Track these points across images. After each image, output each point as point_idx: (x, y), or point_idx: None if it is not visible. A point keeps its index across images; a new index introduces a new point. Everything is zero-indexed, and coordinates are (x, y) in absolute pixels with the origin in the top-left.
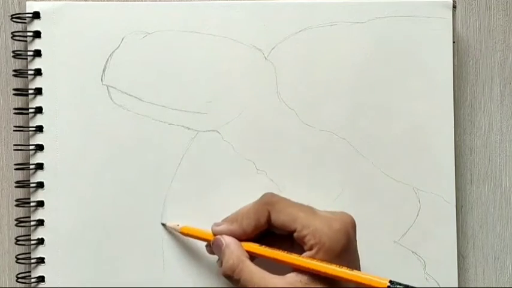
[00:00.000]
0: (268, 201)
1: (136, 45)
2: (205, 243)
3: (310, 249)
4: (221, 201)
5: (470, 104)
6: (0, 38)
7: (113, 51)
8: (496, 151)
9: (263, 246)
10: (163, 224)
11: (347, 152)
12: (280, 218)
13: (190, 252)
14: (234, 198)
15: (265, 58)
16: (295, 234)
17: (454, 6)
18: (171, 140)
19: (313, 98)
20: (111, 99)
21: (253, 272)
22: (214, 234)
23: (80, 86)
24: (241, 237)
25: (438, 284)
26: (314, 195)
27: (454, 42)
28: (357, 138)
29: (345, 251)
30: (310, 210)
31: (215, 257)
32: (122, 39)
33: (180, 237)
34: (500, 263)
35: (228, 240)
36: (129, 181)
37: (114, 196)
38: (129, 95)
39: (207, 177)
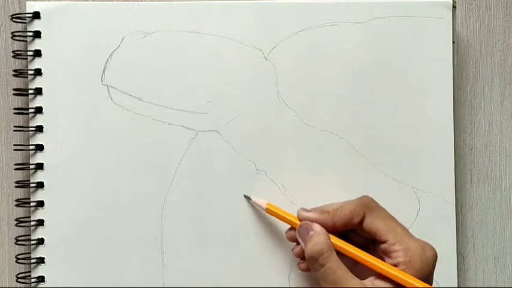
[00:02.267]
0: (368, 205)
1: (136, 45)
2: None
3: (396, 265)
4: (221, 201)
5: (470, 104)
6: (0, 38)
7: (113, 51)
8: (496, 151)
9: (349, 244)
10: (247, 197)
11: (347, 152)
12: (376, 224)
13: (190, 252)
14: (234, 199)
15: (265, 58)
16: (384, 245)
17: (454, 6)
18: (171, 140)
19: (313, 98)
20: (111, 99)
21: (338, 264)
22: (300, 220)
23: (80, 86)
24: (329, 230)
25: (438, 284)
26: (314, 195)
27: (454, 42)
28: (357, 138)
29: (427, 278)
30: (405, 229)
31: (215, 258)
32: (122, 39)
33: (180, 237)
34: (500, 263)
35: (318, 228)
36: (129, 181)
37: (114, 196)
38: (129, 95)
39: (207, 177)
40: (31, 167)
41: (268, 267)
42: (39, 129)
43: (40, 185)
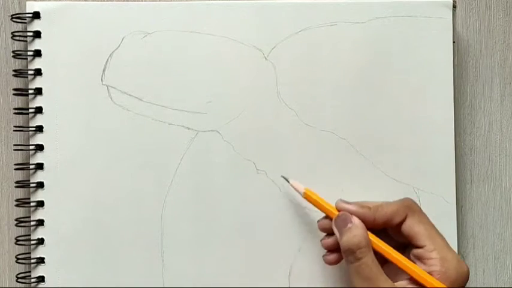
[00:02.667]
0: (411, 207)
1: (136, 45)
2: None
3: (430, 273)
4: (221, 202)
5: (470, 104)
6: (0, 38)
7: (113, 51)
8: (496, 151)
9: (387, 245)
10: (285, 178)
11: (347, 152)
12: (416, 227)
13: (190, 252)
14: (234, 199)
15: (265, 58)
16: (420, 251)
17: (454, 6)
18: (171, 140)
19: (313, 98)
20: (111, 99)
21: (375, 262)
22: (339, 210)
23: (80, 86)
24: (367, 226)
25: None
26: None
27: (454, 42)
28: (357, 138)
29: None
30: (444, 238)
31: (214, 258)
32: (122, 39)
33: (180, 237)
34: (500, 263)
35: (357, 222)
36: (129, 181)
37: (114, 196)
38: (129, 95)
39: (207, 177)
40: (31, 167)
41: (268, 267)
42: (39, 129)
43: (40, 185)
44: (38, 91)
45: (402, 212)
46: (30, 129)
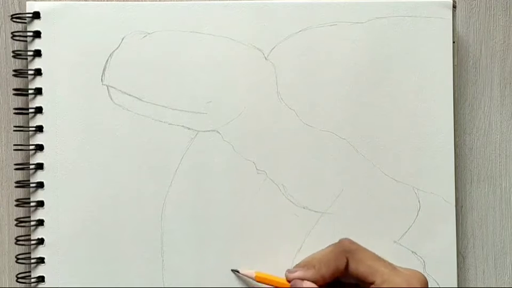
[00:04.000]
0: (347, 249)
1: (136, 45)
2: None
3: None
4: (221, 202)
5: (470, 104)
6: (0, 38)
7: (113, 51)
8: (496, 151)
9: None
10: (234, 271)
11: (347, 152)
12: (360, 268)
13: (190, 252)
14: (234, 199)
15: (265, 58)
16: (372, 287)
17: (454, 6)
18: (171, 140)
19: (313, 98)
20: (111, 99)
21: None
22: (289, 281)
23: (80, 86)
24: (318, 284)
25: (438, 284)
26: (314, 195)
27: (454, 42)
28: (357, 138)
29: None
30: (389, 264)
31: (214, 257)
32: (122, 39)
33: (180, 237)
34: (500, 263)
35: (308, 283)
36: (129, 181)
37: (114, 196)
38: (129, 95)
39: (207, 177)
40: (31, 167)
41: (268, 267)
42: (39, 129)
43: (40, 185)
44: (38, 91)
45: (342, 258)
46: (30, 129)
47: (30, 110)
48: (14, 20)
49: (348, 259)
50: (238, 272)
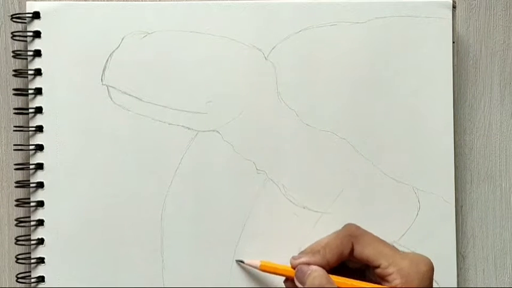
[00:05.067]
0: (353, 234)
1: (136, 45)
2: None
3: (395, 286)
4: (221, 202)
5: (470, 104)
6: (0, 38)
7: (113, 51)
8: (496, 151)
9: (348, 278)
10: (238, 261)
11: (347, 152)
12: (365, 252)
13: (190, 252)
14: (234, 198)
15: (265, 58)
16: (378, 270)
17: (454, 6)
18: (171, 140)
19: (313, 98)
20: (111, 99)
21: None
22: (294, 268)
23: (80, 86)
24: (325, 269)
25: (438, 284)
26: (314, 195)
27: (454, 42)
28: (357, 138)
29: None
30: (394, 248)
31: (215, 257)
32: (122, 39)
33: (180, 237)
34: (500, 263)
35: (314, 267)
36: (129, 181)
37: (114, 196)
38: (129, 95)
39: (207, 177)
40: (31, 167)
41: None
42: (39, 129)
43: (40, 185)
44: (38, 91)
45: (347, 243)
46: (30, 129)
47: (30, 110)
48: (14, 20)
49: (354, 243)
50: (243, 262)
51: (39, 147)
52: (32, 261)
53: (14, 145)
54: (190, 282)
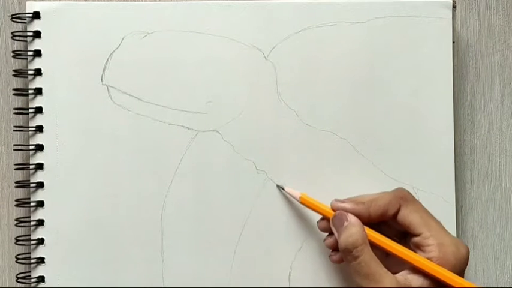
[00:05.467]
0: (404, 197)
1: (136, 45)
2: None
3: (429, 259)
4: (221, 201)
5: (470, 104)
6: (0, 38)
7: (113, 51)
8: (496, 151)
9: (383, 236)
10: (279, 187)
11: (347, 152)
12: (411, 216)
13: (190, 252)
14: (234, 198)
15: (265, 58)
16: (417, 239)
17: (454, 6)
18: (171, 140)
19: (313, 98)
20: (111, 99)
21: (373, 258)
22: (334, 210)
23: (80, 86)
24: (363, 221)
25: None
26: (314, 195)
27: (454, 42)
28: (357, 138)
29: (460, 275)
30: (440, 223)
31: (214, 258)
32: (122, 39)
33: (180, 237)
34: (500, 263)
35: (353, 219)
36: (129, 181)
37: (114, 196)
38: (129, 95)
39: (207, 177)
40: (31, 167)
41: (268, 267)
42: (39, 129)
43: (40, 185)
44: (38, 91)
45: (395, 203)
46: (30, 129)
47: (30, 110)
48: (14, 20)
49: (401, 206)
50: (283, 189)
51: (39, 147)
52: (32, 261)
53: (14, 145)
54: (190, 282)
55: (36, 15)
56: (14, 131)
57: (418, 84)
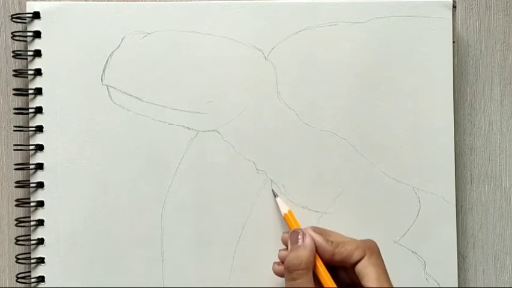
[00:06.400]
0: (370, 248)
1: (136, 45)
2: None
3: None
4: (221, 201)
5: (470, 104)
6: (0, 38)
7: (113, 51)
8: (496, 151)
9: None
10: (274, 193)
11: (347, 152)
12: (368, 268)
13: (190, 252)
14: (234, 198)
15: (265, 58)
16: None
17: (454, 6)
18: (171, 140)
19: (313, 98)
20: (111, 99)
21: (310, 285)
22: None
23: (80, 86)
24: (326, 260)
25: (438, 284)
26: (314, 195)
27: (454, 42)
28: (357, 138)
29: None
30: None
31: (215, 257)
32: (122, 39)
33: (180, 237)
34: (500, 263)
35: (307, 242)
36: (129, 181)
37: (114, 196)
38: (129, 95)
39: (207, 177)
40: (31, 167)
41: (268, 267)
42: (39, 129)
43: (40, 185)
44: (38, 91)
45: (361, 252)
46: (30, 129)
47: (30, 110)
48: (14, 20)
49: (365, 255)
50: (276, 196)
51: (39, 147)
52: (32, 261)
53: (14, 145)
54: (190, 282)
55: (36, 15)
56: (14, 131)
57: (418, 84)
